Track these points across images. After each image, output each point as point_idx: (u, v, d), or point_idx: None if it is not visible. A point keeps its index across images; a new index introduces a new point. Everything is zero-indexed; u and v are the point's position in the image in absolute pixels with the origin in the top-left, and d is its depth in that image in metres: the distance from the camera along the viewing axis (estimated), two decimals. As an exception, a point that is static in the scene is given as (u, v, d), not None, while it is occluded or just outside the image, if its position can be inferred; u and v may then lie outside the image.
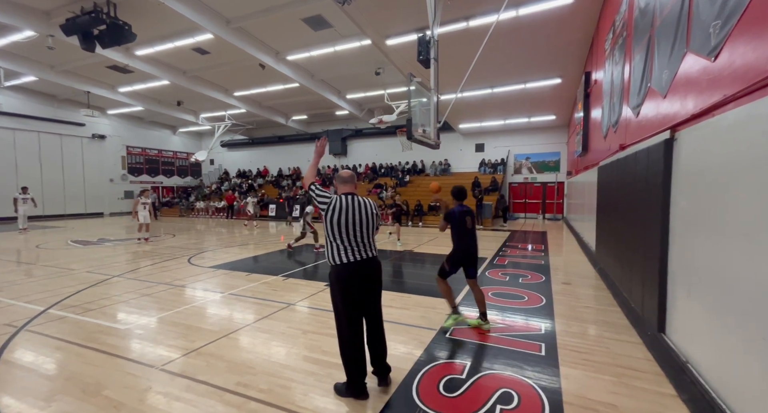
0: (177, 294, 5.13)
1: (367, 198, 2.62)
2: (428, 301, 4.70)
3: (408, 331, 3.68)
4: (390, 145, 20.80)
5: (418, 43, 6.04)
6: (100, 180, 21.27)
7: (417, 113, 6.29)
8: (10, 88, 16.44)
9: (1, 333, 3.69)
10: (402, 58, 9.53)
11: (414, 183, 19.04)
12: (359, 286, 2.46)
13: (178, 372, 2.87)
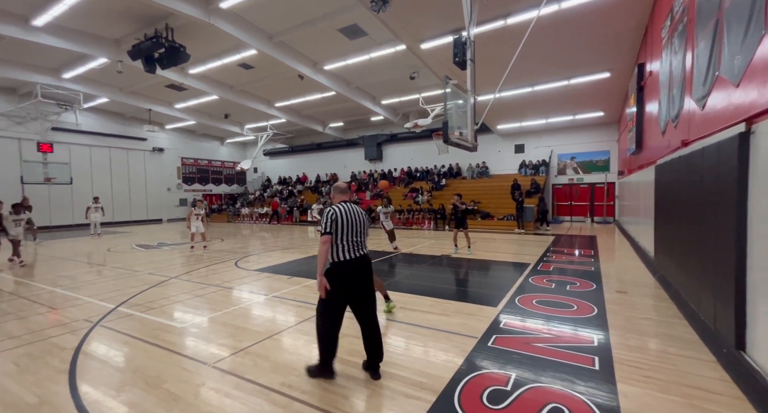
0: (226, 296, 5.44)
1: (357, 206, 3.03)
2: (468, 308, 4.56)
3: (448, 338, 3.59)
4: (425, 148, 20.68)
5: (453, 45, 5.96)
6: (159, 189, 23.30)
7: (453, 116, 6.19)
8: (87, 109, 18.60)
9: (80, 327, 4.14)
10: (437, 61, 9.47)
11: (450, 187, 18.72)
12: (354, 280, 2.84)
13: (227, 370, 3.03)
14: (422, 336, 3.67)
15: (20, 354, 3.44)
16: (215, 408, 2.49)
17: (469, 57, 5.96)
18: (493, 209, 15.52)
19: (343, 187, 3.09)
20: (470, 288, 5.66)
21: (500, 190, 16.68)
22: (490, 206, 15.83)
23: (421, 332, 3.79)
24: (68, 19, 9.95)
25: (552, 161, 17.80)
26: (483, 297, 5.05)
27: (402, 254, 8.94)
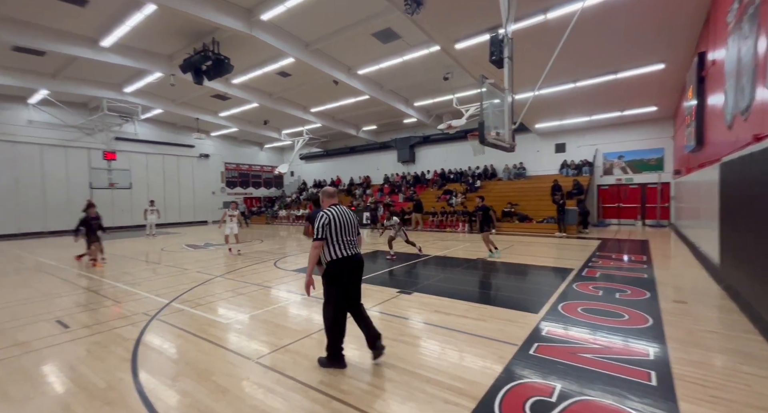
0: (266, 294, 5.68)
1: (345, 207, 3.26)
2: (506, 313, 4.40)
3: (485, 344, 3.49)
4: (459, 150, 20.32)
5: (490, 44, 5.82)
6: (205, 193, 24.90)
7: (489, 116, 6.04)
8: (145, 120, 20.36)
9: (139, 320, 4.52)
10: (472, 60, 9.30)
11: (485, 188, 18.23)
12: (350, 276, 3.11)
13: (269, 366, 3.16)
14: (458, 341, 3.60)
15: (91, 342, 3.82)
16: (259, 402, 2.60)
17: (507, 55, 5.78)
18: (531, 212, 14.89)
19: (331, 191, 3.32)
20: (508, 293, 5.46)
21: (539, 191, 15.97)
22: (528, 208, 15.21)
23: (457, 336, 3.71)
24: (130, 38, 10.97)
25: (597, 161, 16.75)
26: (522, 303, 4.85)
27: (435, 256, 8.83)
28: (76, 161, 18.77)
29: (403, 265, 7.86)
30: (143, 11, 9.19)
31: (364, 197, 21.96)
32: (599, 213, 16.69)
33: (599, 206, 16.75)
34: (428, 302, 4.97)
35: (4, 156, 16.50)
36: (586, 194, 15.21)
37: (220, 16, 9.16)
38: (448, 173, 20.70)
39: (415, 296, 5.25)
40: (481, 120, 5.65)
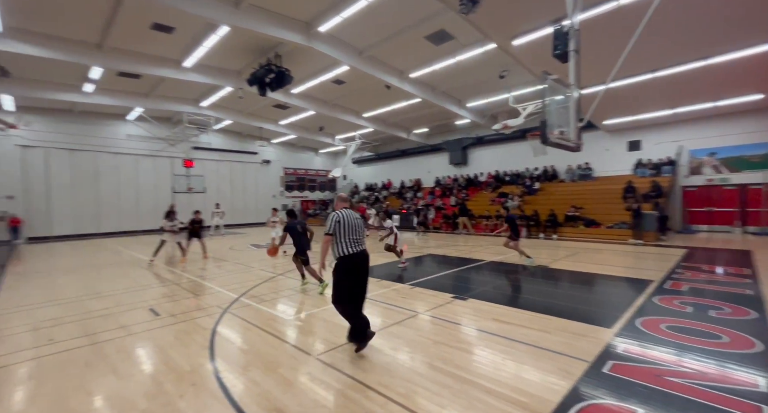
0: (324, 294, 5.92)
1: (354, 211, 3.74)
2: (573, 326, 4.06)
3: (550, 357, 3.25)
4: (516, 150, 19.32)
5: (553, 37, 5.47)
6: (267, 196, 26.80)
7: (552, 113, 5.66)
8: (216, 130, 22.57)
9: (214, 312, 4.99)
10: (531, 56, 8.82)
11: (545, 191, 17.10)
12: (357, 269, 3.56)
13: (328, 363, 3.28)
14: (519, 352, 3.40)
15: (177, 329, 4.32)
16: (320, 397, 2.71)
17: (573, 48, 5.38)
18: (599, 216, 13.60)
19: (344, 197, 3.98)
20: (575, 304, 5.04)
21: (608, 194, 14.54)
22: (595, 212, 13.91)
23: (518, 347, 3.51)
24: (206, 58, 12.26)
25: (681, 159, 14.77)
26: (592, 316, 4.44)
27: (490, 262, 8.48)
28: (162, 169, 21.43)
29: (456, 270, 7.67)
30: (218, 33, 10.21)
31: (414, 200, 21.91)
32: (684, 218, 14.68)
33: (684, 210, 14.73)
34: (485, 309, 4.78)
35: (108, 165, 19.44)
36: (667, 197, 13.49)
37: (283, 31, 9.83)
38: (504, 175, 19.80)
39: (470, 303, 5.09)
40: (543, 119, 5.32)
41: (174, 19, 9.76)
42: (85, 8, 9.10)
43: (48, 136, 17.35)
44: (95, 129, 18.89)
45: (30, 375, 3.23)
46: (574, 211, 14.11)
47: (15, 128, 13.68)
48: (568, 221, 13.96)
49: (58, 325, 4.57)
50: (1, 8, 8.39)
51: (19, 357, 3.61)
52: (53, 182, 17.77)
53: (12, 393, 2.93)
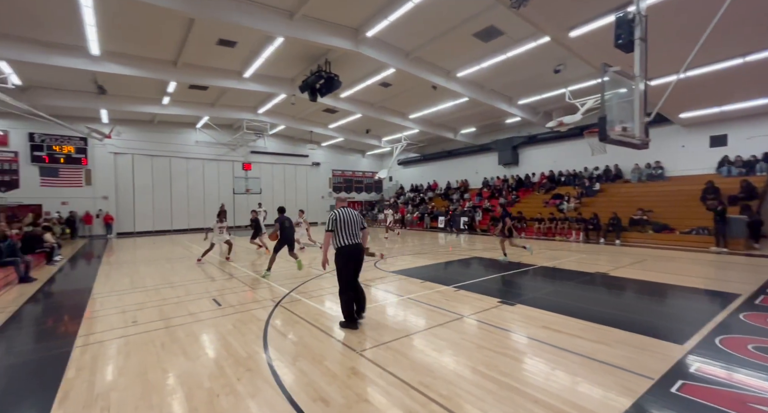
0: (367, 292, 6.04)
1: (351, 209, 4.43)
2: (636, 339, 3.71)
3: (607, 371, 3.01)
4: (572, 149, 18.03)
5: (615, 26, 5.04)
6: (316, 197, 28.00)
7: (613, 108, 5.22)
8: (272, 135, 24.11)
9: (267, 305, 5.37)
10: (590, 48, 8.19)
11: (606, 192, 15.72)
12: (351, 259, 4.25)
13: (371, 359, 3.37)
14: (570, 363, 3.20)
15: (235, 319, 4.72)
16: (363, 391, 2.80)
17: (639, 36, 4.92)
18: (672, 221, 12.18)
19: (342, 197, 4.98)
20: (639, 316, 4.59)
21: (683, 195, 12.98)
22: (667, 216, 12.48)
23: (570, 358, 3.30)
24: (263, 68, 13.17)
25: (778, 155, 12.68)
26: (660, 330, 4.01)
27: (541, 267, 8.02)
28: (224, 172, 23.43)
29: (504, 274, 7.38)
30: (274, 44, 10.94)
31: (461, 201, 21.43)
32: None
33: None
34: (534, 315, 4.55)
35: (180, 169, 21.73)
36: (762, 199, 11.66)
37: (333, 38, 10.23)
38: (559, 176, 18.57)
39: (518, 309, 4.87)
40: (602, 114, 4.93)
41: (236, 35, 10.65)
42: (164, 31, 10.30)
43: (134, 144, 19.87)
44: (170, 137, 21.22)
45: (119, 350, 3.75)
46: (641, 214, 12.80)
47: (109, 138, 15.88)
48: (634, 225, 12.70)
49: (141, 309, 5.24)
50: (98, 35, 9.82)
51: (111, 335, 4.21)
52: (137, 185, 20.31)
53: (106, 364, 3.43)
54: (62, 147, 17.98)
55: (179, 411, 2.59)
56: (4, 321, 4.85)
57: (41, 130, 17.20)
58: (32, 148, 17.28)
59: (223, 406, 2.63)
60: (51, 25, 9.61)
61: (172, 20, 9.62)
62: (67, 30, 9.73)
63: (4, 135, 16.66)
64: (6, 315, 5.11)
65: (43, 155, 17.53)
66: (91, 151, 18.69)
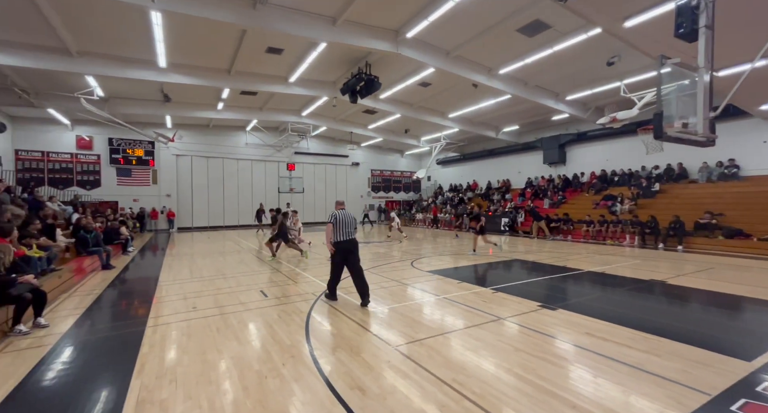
0: (404, 291, 6.17)
1: (348, 212, 5.46)
2: (694, 352, 3.43)
3: (656, 383, 2.84)
4: (627, 146, 16.69)
5: (676, 14, 4.65)
6: (355, 196, 28.61)
7: (672, 103, 4.84)
8: (314, 136, 25.09)
9: (309, 298, 5.68)
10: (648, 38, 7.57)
11: (668, 193, 14.37)
12: (346, 251, 5.20)
13: (407, 355, 3.47)
14: (615, 372, 3.05)
15: (280, 309, 5.07)
16: (399, 384, 2.91)
17: (704, 23, 4.50)
18: (748, 226, 10.85)
19: (340, 201, 5.74)
20: (700, 329, 4.21)
21: (763, 197, 11.51)
22: (742, 220, 11.14)
23: (615, 366, 3.15)
24: (307, 72, 13.78)
25: None
26: (725, 344, 3.67)
27: (588, 272, 7.58)
28: (270, 172, 24.79)
29: (546, 278, 7.09)
30: (317, 50, 11.42)
31: (502, 202, 20.74)
32: None
33: None
34: (577, 321, 4.37)
35: (231, 170, 23.37)
36: None
37: (373, 41, 10.46)
38: (611, 175, 17.30)
39: (559, 313, 4.70)
40: (658, 109, 4.59)
41: (283, 42, 11.27)
42: (220, 42, 11.19)
43: (192, 146, 21.74)
44: (223, 139, 22.91)
45: (182, 331, 4.22)
46: (709, 218, 11.56)
47: (172, 141, 17.55)
48: (700, 230, 11.50)
49: (199, 297, 5.80)
50: (165, 49, 10.92)
51: (175, 318, 4.74)
52: (195, 184, 22.20)
53: (172, 343, 3.88)
54: (134, 150, 20.19)
55: (233, 388, 2.89)
56: (92, 301, 5.64)
57: (118, 135, 19.44)
58: (111, 151, 19.61)
59: (270, 387, 2.88)
60: (128, 43, 10.87)
61: (228, 32, 10.42)
62: (140, 47, 10.94)
63: (89, 140, 19.10)
64: (93, 296, 5.94)
65: (119, 157, 19.82)
66: (157, 153, 20.77)
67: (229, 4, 8.62)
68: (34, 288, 4.23)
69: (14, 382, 3.03)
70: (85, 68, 11.37)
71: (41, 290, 4.35)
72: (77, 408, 2.64)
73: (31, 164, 17.95)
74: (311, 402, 2.67)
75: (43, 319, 4.35)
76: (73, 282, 6.62)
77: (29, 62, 10.61)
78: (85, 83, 12.95)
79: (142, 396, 2.76)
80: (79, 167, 19.04)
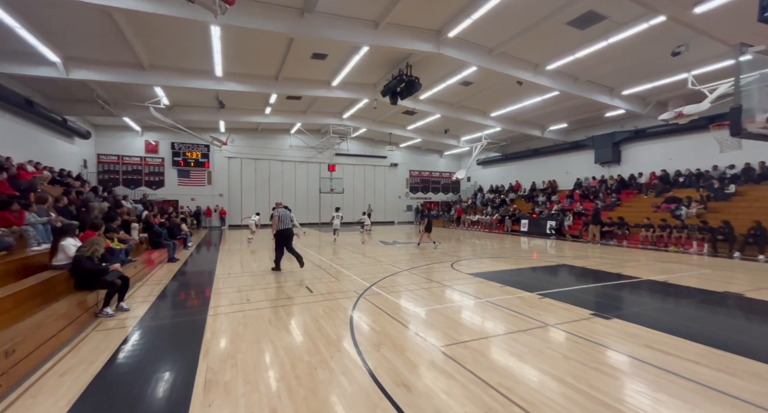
0: (445, 292, 6.14)
1: (286, 209, 7.96)
2: (779, 377, 3.06)
3: (728, 403, 2.59)
4: (694, 144, 15.15)
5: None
6: (393, 197, 28.79)
7: (753, 95, 4.35)
8: (353, 138, 25.63)
9: (351, 295, 5.85)
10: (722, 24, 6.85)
11: (746, 196, 12.80)
12: (284, 237, 7.71)
13: (450, 355, 3.47)
14: (679, 388, 2.82)
15: (325, 305, 5.28)
16: (443, 384, 2.93)
17: (792, 4, 3.99)
18: None
19: (279, 202, 8.25)
20: (784, 350, 3.74)
21: None
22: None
23: (678, 382, 2.91)
24: (349, 76, 14.13)
25: None
26: (815, 369, 3.23)
27: (648, 280, 7.00)
28: (312, 173, 25.74)
29: (598, 285, 6.67)
30: (360, 53, 11.68)
31: (548, 204, 19.74)
32: None
33: None
34: (634, 332, 4.08)
35: (276, 171, 24.60)
36: None
37: (415, 42, 10.50)
38: (675, 176, 15.77)
39: (614, 323, 4.41)
40: (736, 103, 4.15)
41: (327, 48, 11.68)
42: (269, 50, 11.86)
43: (242, 149, 23.21)
44: (269, 142, 24.20)
45: (238, 321, 4.57)
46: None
47: (225, 145, 18.89)
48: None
49: (251, 290, 6.22)
50: (222, 60, 11.80)
51: (232, 309, 5.13)
52: (243, 184, 23.68)
53: (231, 331, 4.22)
54: (192, 153, 22.02)
55: (286, 376, 3.09)
56: (161, 291, 6.27)
57: (179, 140, 21.31)
58: (173, 154, 21.57)
59: (320, 378, 3.04)
60: (190, 56, 11.91)
61: (277, 41, 11.02)
62: (200, 58, 11.93)
63: (155, 145, 21.15)
64: (161, 286, 6.60)
65: (180, 160, 21.73)
66: (211, 156, 22.46)
67: (280, 15, 9.13)
68: (121, 276, 4.83)
69: (106, 356, 3.49)
70: (155, 80, 12.64)
71: (126, 277, 4.95)
72: (158, 382, 2.99)
73: (109, 166, 20.28)
74: (358, 394, 2.78)
75: (125, 304, 4.95)
76: (144, 272, 7.41)
77: (111, 77, 12.03)
78: (153, 93, 14.39)
79: (209, 377, 3.05)
80: (147, 169, 21.14)
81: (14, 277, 4.54)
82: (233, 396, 2.76)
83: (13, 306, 3.81)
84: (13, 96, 12.17)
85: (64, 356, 3.50)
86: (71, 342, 3.82)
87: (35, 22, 9.31)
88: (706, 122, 11.81)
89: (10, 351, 2.90)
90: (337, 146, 24.93)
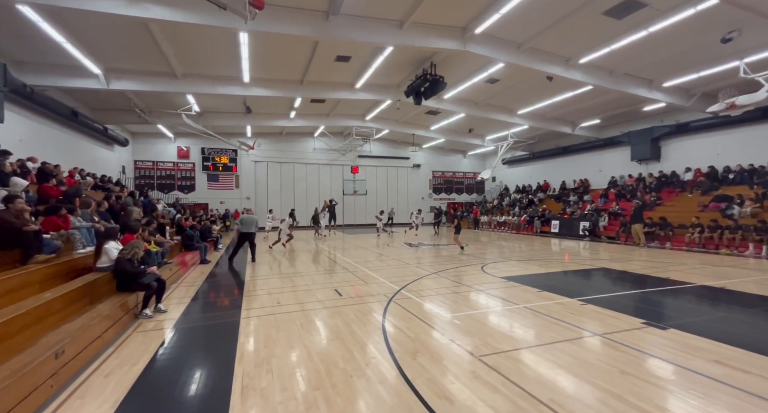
0: (478, 297, 5.90)
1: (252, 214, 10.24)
2: None
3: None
4: (747, 137, 14.00)
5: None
6: (416, 198, 28.50)
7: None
8: (376, 139, 25.63)
9: (381, 299, 5.73)
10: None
11: (806, 193, 11.64)
12: (246, 237, 9.78)
13: (492, 366, 3.27)
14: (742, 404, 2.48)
15: (356, 309, 5.19)
16: (488, 397, 2.74)
17: None
18: None
19: (247, 208, 12.48)
20: None
21: None
22: None
23: (763, 405, 2.57)
24: (372, 77, 14.08)
25: None
26: None
27: (701, 286, 6.43)
28: (336, 175, 25.95)
29: (645, 291, 6.20)
30: (384, 54, 11.60)
31: (580, 204, 18.86)
32: None
33: None
34: (698, 345, 3.70)
35: (300, 173, 24.98)
36: None
37: (440, 40, 10.29)
38: (725, 172, 14.62)
39: (672, 334, 4.04)
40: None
41: (351, 50, 11.68)
42: (294, 55, 12.02)
43: (268, 153, 23.73)
44: (294, 146, 24.61)
45: (270, 324, 4.55)
46: None
47: (252, 149, 19.37)
48: None
49: (281, 293, 6.24)
50: (249, 66, 12.07)
51: (263, 312, 5.14)
52: (269, 187, 24.19)
53: (264, 334, 4.21)
54: (221, 158, 22.75)
55: (323, 385, 2.99)
56: (195, 292, 6.41)
57: (208, 145, 22.07)
58: (203, 159, 22.36)
59: (358, 387, 2.93)
60: (218, 63, 12.26)
61: (302, 45, 11.13)
62: (228, 65, 12.26)
63: (187, 150, 22.02)
64: (195, 287, 6.76)
65: (209, 164, 22.49)
66: (239, 160, 23.11)
67: (306, 19, 9.19)
68: (158, 278, 4.95)
69: (147, 358, 3.54)
70: (187, 88, 13.12)
71: (163, 279, 5.07)
72: (196, 386, 2.98)
73: (144, 172, 21.30)
74: (399, 407, 2.64)
75: (162, 305, 5.07)
76: (179, 274, 7.62)
77: (147, 86, 12.60)
78: (185, 101, 14.95)
79: (245, 383, 3.01)
80: (179, 174, 22.03)
81: (63, 279, 4.74)
82: (271, 404, 2.69)
83: (62, 307, 3.97)
84: (62, 108, 13.01)
85: (108, 357, 3.58)
86: (114, 343, 3.92)
87: (79, 37, 9.87)
88: (761, 113, 10.86)
89: (60, 352, 2.98)
90: (360, 148, 24.99)
